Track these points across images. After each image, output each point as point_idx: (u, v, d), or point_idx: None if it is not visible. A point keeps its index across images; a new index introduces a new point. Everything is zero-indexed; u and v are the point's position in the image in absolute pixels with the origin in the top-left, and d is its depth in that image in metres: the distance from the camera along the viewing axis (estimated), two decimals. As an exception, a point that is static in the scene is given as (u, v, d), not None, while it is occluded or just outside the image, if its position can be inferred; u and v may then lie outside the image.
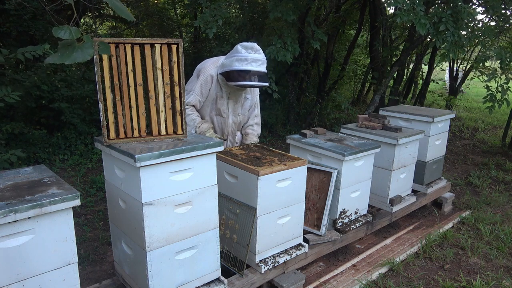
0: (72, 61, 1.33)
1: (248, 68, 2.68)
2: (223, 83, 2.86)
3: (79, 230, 3.46)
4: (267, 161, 2.53)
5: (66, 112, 5.37)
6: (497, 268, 3.08)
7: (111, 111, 2.01)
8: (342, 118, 8.08)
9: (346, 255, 3.21)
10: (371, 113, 3.77)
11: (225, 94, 2.92)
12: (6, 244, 1.58)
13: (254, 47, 2.73)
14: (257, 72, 2.71)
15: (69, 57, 1.33)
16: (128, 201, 2.05)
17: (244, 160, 2.52)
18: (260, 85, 2.75)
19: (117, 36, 6.72)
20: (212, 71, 2.87)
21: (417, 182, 3.94)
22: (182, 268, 2.14)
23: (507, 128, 6.97)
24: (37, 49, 3.09)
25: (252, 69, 2.69)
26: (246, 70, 2.68)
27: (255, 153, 2.71)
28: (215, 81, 2.88)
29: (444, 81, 13.38)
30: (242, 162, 2.46)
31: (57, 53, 1.33)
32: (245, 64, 2.68)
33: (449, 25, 4.44)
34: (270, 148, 2.81)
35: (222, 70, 2.81)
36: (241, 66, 2.68)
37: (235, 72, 2.70)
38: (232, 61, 2.72)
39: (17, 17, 6.03)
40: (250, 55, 2.70)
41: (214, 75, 2.87)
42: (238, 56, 2.71)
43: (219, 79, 2.86)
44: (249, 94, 3.08)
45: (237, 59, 2.70)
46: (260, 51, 2.77)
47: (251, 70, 2.68)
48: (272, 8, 4.83)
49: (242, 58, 2.69)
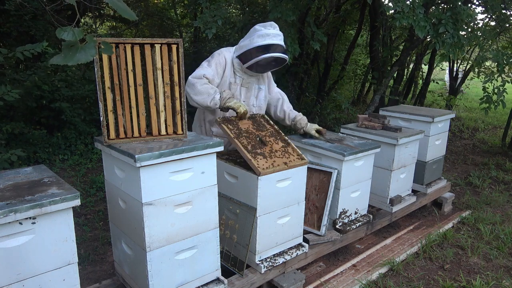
0: (75, 62, 1.34)
1: (271, 42, 2.66)
2: (238, 68, 2.82)
3: (79, 230, 3.46)
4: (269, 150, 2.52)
5: (67, 112, 5.37)
6: (497, 268, 3.08)
7: (111, 111, 2.02)
8: (342, 118, 8.08)
9: (346, 255, 3.21)
10: (371, 113, 3.77)
11: (238, 80, 2.87)
12: (6, 244, 1.58)
13: (272, 24, 2.75)
14: (279, 46, 2.71)
15: (72, 58, 1.33)
16: (128, 201, 2.05)
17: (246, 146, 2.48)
18: (282, 56, 2.72)
19: (117, 36, 6.73)
20: (226, 55, 2.83)
21: (417, 182, 3.94)
22: (182, 268, 2.14)
23: (507, 128, 6.97)
24: (36, 47, 3.10)
25: (275, 43, 2.68)
26: (270, 44, 2.66)
27: (261, 132, 2.67)
28: (229, 66, 2.82)
29: (444, 81, 13.38)
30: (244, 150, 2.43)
31: (60, 54, 1.34)
32: (268, 39, 2.66)
33: (449, 27, 4.44)
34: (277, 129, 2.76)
35: (240, 51, 2.77)
36: (264, 41, 2.66)
37: (257, 49, 2.67)
38: (252, 39, 2.70)
39: (18, 17, 6.03)
40: (271, 30, 2.70)
41: (229, 60, 2.82)
42: (259, 33, 2.69)
43: (234, 63, 2.82)
44: (263, 84, 3.03)
45: (258, 36, 2.68)
46: (278, 28, 2.77)
47: (275, 43, 2.67)
48: (272, 8, 4.82)
49: (264, 34, 2.68)
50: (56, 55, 1.35)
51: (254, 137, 2.60)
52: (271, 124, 2.81)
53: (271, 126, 2.80)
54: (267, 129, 2.75)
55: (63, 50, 1.34)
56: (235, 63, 2.81)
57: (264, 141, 2.58)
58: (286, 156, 2.55)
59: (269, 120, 2.85)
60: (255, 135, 2.62)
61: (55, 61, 1.33)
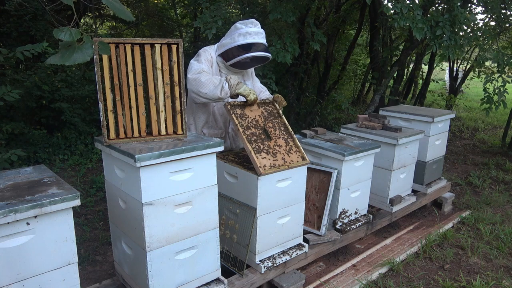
0: (72, 62, 1.34)
1: (252, 40, 2.62)
2: (222, 66, 2.80)
3: (79, 230, 3.46)
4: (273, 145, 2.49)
5: (67, 112, 5.37)
6: (497, 268, 3.08)
7: (111, 111, 2.02)
8: (342, 118, 8.08)
9: (346, 255, 3.21)
10: (371, 113, 3.77)
11: (223, 77, 2.80)
12: (6, 244, 1.58)
13: (253, 22, 2.70)
14: (261, 45, 2.67)
15: (70, 58, 1.34)
16: (128, 201, 2.05)
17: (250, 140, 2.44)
18: (265, 55, 2.69)
19: (117, 36, 6.73)
20: (212, 52, 2.80)
21: (417, 182, 3.94)
22: (182, 268, 2.14)
23: (507, 128, 6.97)
24: (36, 47, 3.10)
25: (256, 41, 2.64)
26: (251, 43, 2.62)
27: (269, 123, 2.62)
28: (214, 63, 2.81)
29: (444, 81, 13.39)
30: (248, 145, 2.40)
31: (57, 54, 1.34)
32: (249, 38, 2.62)
33: (446, 29, 4.45)
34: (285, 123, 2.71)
35: (222, 50, 2.73)
36: (245, 40, 2.62)
37: (238, 48, 2.64)
38: (233, 38, 2.66)
39: (18, 17, 6.04)
40: (252, 28, 2.65)
41: (214, 57, 2.80)
42: (240, 31, 2.65)
43: (218, 62, 2.80)
44: (248, 80, 3.01)
45: (239, 34, 2.64)
46: (259, 25, 2.72)
47: (256, 42, 2.64)
48: (272, 9, 4.82)
49: (245, 33, 2.63)
50: (53, 55, 1.35)
51: (260, 128, 2.55)
52: (281, 115, 2.75)
53: (280, 117, 2.73)
54: (275, 120, 2.70)
55: (60, 50, 1.34)
56: (218, 61, 2.80)
57: (269, 135, 2.54)
58: (289, 154, 2.53)
59: (280, 110, 2.78)
60: (261, 127, 2.57)
61: (52, 61, 1.34)
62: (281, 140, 2.59)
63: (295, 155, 2.56)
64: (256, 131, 2.54)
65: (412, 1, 4.60)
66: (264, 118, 2.66)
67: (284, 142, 2.59)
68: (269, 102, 2.79)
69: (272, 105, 2.79)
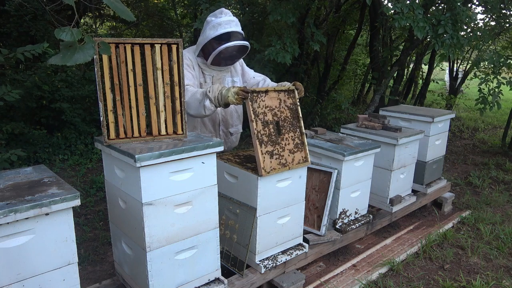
0: (74, 62, 1.34)
1: (224, 30, 2.51)
2: (204, 66, 2.71)
3: (79, 230, 3.46)
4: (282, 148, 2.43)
5: (67, 112, 5.37)
6: (497, 268, 3.08)
7: (111, 111, 2.02)
8: (342, 118, 8.08)
9: (346, 255, 3.21)
10: (371, 113, 3.77)
11: (208, 78, 2.75)
12: (6, 244, 1.58)
13: (223, 11, 2.60)
14: (235, 33, 2.57)
15: (71, 59, 1.33)
16: (128, 201, 2.06)
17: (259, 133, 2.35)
18: (242, 43, 2.58)
19: (117, 36, 6.73)
20: (190, 56, 2.70)
21: (417, 182, 3.94)
22: (182, 268, 2.14)
23: (507, 128, 6.97)
24: (36, 48, 3.10)
25: (229, 31, 2.52)
26: (224, 33, 2.51)
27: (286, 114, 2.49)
28: (196, 66, 2.71)
29: (444, 81, 13.38)
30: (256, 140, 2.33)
31: (58, 55, 1.34)
32: (220, 28, 2.52)
33: (448, 28, 4.45)
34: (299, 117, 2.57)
35: (198, 49, 2.63)
36: (217, 31, 2.52)
37: (213, 41, 2.54)
38: (205, 33, 2.57)
39: (18, 17, 6.04)
40: (222, 18, 2.56)
41: (194, 60, 2.70)
42: (211, 24, 2.55)
43: (199, 63, 2.71)
44: (237, 77, 2.88)
45: (210, 28, 2.54)
46: (230, 14, 2.62)
47: (229, 31, 2.52)
48: (272, 10, 4.82)
49: (216, 24, 2.54)
50: (55, 56, 1.35)
51: (272, 122, 2.43)
52: (297, 106, 2.58)
53: (296, 109, 2.57)
54: (292, 112, 2.55)
55: (61, 51, 1.34)
56: (199, 62, 2.71)
57: (280, 130, 2.46)
58: (293, 153, 2.50)
59: (297, 101, 2.59)
60: (274, 121, 2.44)
61: (53, 61, 1.34)
62: (290, 135, 2.51)
63: (299, 154, 2.53)
64: (267, 127, 2.41)
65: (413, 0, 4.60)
66: (279, 108, 2.49)
67: (292, 138, 2.52)
68: (289, 90, 2.57)
69: (292, 93, 2.58)
